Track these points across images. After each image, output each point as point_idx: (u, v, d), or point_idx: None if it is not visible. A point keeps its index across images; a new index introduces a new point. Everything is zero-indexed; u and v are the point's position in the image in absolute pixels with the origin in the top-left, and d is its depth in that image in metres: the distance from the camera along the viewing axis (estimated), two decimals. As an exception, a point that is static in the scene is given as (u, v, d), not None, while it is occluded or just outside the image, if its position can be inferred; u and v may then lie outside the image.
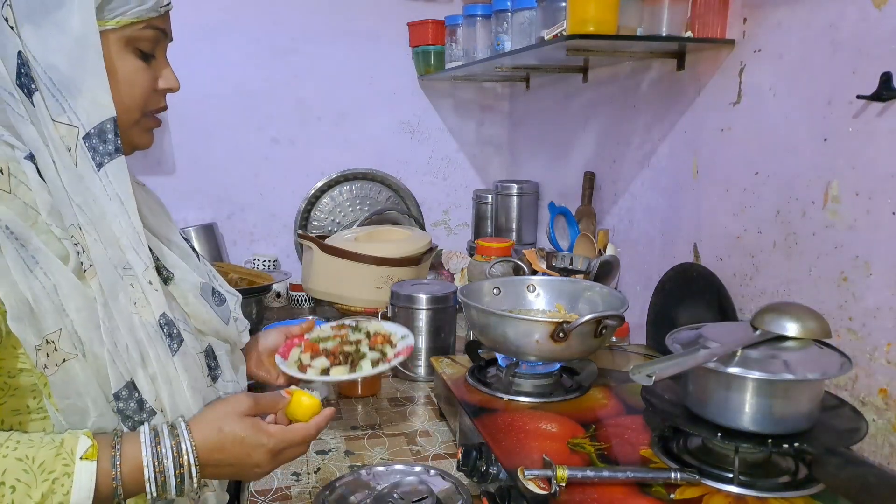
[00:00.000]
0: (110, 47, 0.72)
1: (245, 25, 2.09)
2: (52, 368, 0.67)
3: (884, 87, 0.92)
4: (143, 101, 0.77)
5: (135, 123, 0.77)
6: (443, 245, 2.29)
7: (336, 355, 0.97)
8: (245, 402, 0.77)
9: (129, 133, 0.77)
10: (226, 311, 0.88)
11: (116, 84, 0.73)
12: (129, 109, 0.75)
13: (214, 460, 0.72)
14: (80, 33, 0.69)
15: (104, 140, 0.71)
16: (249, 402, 0.77)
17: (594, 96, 1.76)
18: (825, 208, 1.04)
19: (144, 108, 0.77)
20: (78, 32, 0.69)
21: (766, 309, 0.90)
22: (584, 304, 1.30)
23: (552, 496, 0.80)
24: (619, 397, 1.12)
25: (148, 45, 0.75)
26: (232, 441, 0.73)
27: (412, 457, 1.14)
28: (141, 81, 0.76)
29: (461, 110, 2.35)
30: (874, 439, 0.96)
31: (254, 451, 0.74)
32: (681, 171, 1.39)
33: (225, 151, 2.14)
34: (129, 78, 0.74)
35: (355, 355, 0.97)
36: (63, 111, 0.70)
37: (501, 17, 1.63)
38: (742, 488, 0.82)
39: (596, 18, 1.20)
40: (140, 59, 0.75)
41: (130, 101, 0.75)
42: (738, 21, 1.21)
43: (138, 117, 0.77)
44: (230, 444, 0.73)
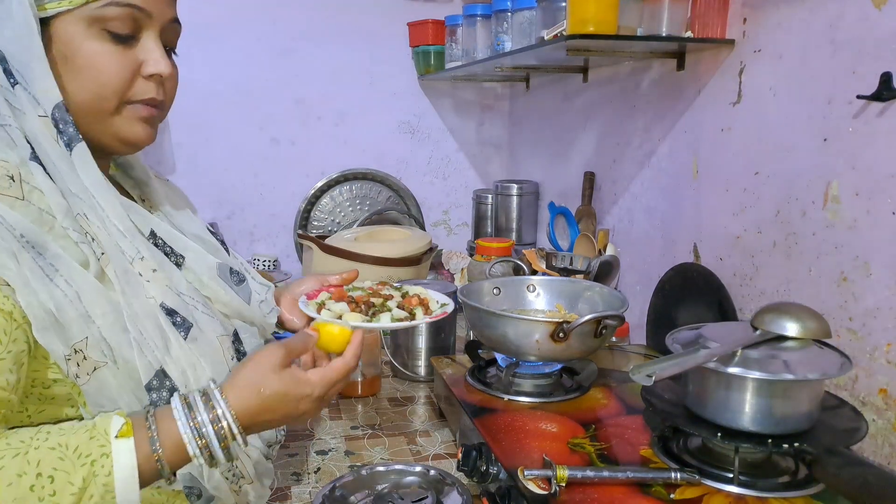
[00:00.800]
0: (69, 29, 0.67)
1: (245, 25, 2.09)
2: (84, 378, 0.66)
3: (884, 87, 0.92)
4: (118, 89, 0.70)
5: (114, 112, 0.71)
6: (443, 245, 2.29)
7: (359, 304, 0.90)
8: (278, 354, 0.73)
9: (110, 124, 0.72)
10: (246, 291, 0.84)
11: (77, 69, 0.68)
12: (99, 97, 0.70)
13: (261, 421, 0.71)
14: (21, 18, 0.65)
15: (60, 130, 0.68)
16: (282, 352, 0.73)
17: (594, 96, 1.76)
18: (825, 208, 1.04)
19: (122, 96, 0.71)
20: (19, 18, 0.65)
21: (766, 309, 0.90)
22: (584, 304, 1.30)
23: (552, 496, 0.80)
24: (619, 397, 1.12)
25: (120, 26, 0.69)
26: (275, 400, 0.71)
27: (412, 457, 1.14)
28: (108, 66, 0.69)
29: (461, 110, 2.35)
30: (874, 439, 0.96)
31: (299, 402, 0.72)
32: (681, 171, 1.39)
33: (225, 151, 2.14)
34: (92, 62, 0.68)
35: (379, 307, 0.90)
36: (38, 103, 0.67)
37: (501, 17, 1.63)
38: (742, 488, 0.82)
39: (596, 18, 1.20)
40: (111, 42, 0.69)
41: (99, 87, 0.69)
42: (738, 21, 1.21)
43: (115, 106, 0.71)
44: (274, 403, 0.71)
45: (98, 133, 0.72)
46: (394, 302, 0.92)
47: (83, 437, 0.62)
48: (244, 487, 0.80)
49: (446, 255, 2.13)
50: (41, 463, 0.60)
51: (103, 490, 0.60)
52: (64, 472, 0.60)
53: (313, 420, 1.27)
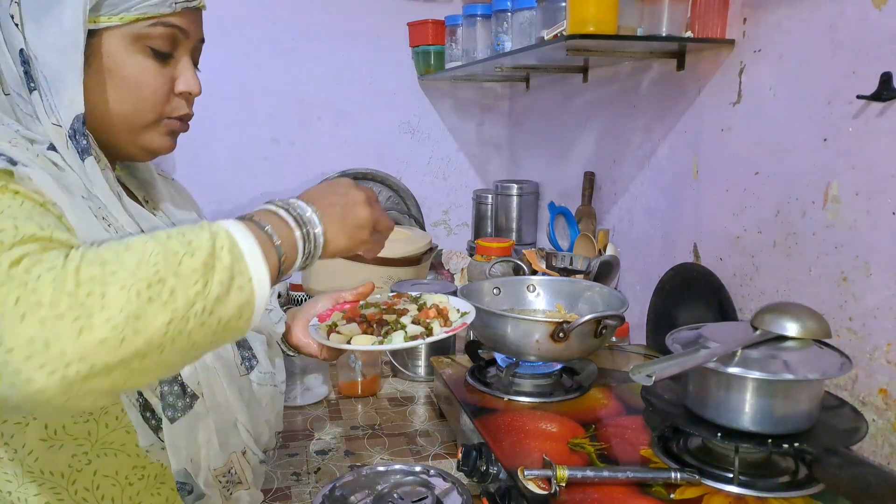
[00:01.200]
0: (114, 44, 0.70)
1: (245, 25, 2.08)
2: None
3: (884, 87, 0.92)
4: (158, 104, 0.75)
5: (150, 126, 0.75)
6: (443, 245, 2.29)
7: (371, 322, 0.88)
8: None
9: (144, 135, 0.75)
10: None
11: (120, 82, 0.71)
12: (139, 111, 0.74)
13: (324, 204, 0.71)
14: (70, 28, 0.67)
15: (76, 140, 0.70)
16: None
17: (594, 96, 1.76)
18: (825, 208, 1.04)
19: (161, 111, 0.75)
20: (69, 27, 0.67)
21: (766, 309, 0.90)
22: (584, 304, 1.30)
23: (552, 496, 0.80)
24: (619, 397, 1.12)
25: (162, 44, 0.73)
26: (327, 185, 0.74)
27: (412, 457, 1.14)
28: (150, 82, 0.73)
29: (461, 110, 2.35)
30: (874, 439, 0.96)
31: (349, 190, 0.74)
32: (681, 171, 1.39)
33: (225, 151, 2.14)
34: (136, 76, 0.72)
35: (393, 325, 0.87)
36: (52, 110, 0.69)
37: (501, 17, 1.63)
38: (742, 488, 0.82)
39: (596, 18, 1.19)
40: (153, 59, 0.73)
41: (139, 101, 0.73)
42: (738, 21, 1.21)
43: (154, 119, 0.75)
44: (326, 187, 0.74)
45: (126, 143, 0.75)
46: (409, 317, 0.89)
47: (187, 229, 0.59)
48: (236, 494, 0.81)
49: (446, 255, 2.13)
50: (167, 231, 0.57)
51: (230, 241, 0.57)
52: (189, 231, 0.57)
53: (315, 422, 1.27)
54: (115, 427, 0.73)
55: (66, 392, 0.50)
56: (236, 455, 0.81)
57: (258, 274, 0.58)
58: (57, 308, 0.50)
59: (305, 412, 1.31)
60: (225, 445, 0.79)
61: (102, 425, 0.73)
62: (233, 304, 0.57)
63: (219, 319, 0.56)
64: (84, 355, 0.49)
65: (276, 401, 0.91)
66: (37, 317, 0.49)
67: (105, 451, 0.73)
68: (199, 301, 0.54)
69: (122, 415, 0.73)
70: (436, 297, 0.97)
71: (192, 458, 0.75)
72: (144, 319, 0.51)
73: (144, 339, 0.52)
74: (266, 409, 0.88)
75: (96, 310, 0.50)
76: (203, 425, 0.76)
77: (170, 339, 0.53)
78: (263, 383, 0.88)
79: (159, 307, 0.52)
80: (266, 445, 0.89)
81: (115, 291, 0.51)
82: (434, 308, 0.93)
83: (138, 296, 0.52)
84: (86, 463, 0.72)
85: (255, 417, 0.84)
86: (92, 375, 0.50)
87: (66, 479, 0.72)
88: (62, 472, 0.71)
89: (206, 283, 0.55)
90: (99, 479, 0.73)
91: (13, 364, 0.49)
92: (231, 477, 0.80)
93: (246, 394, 0.83)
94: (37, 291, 0.50)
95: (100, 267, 0.52)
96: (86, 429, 0.72)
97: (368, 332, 0.87)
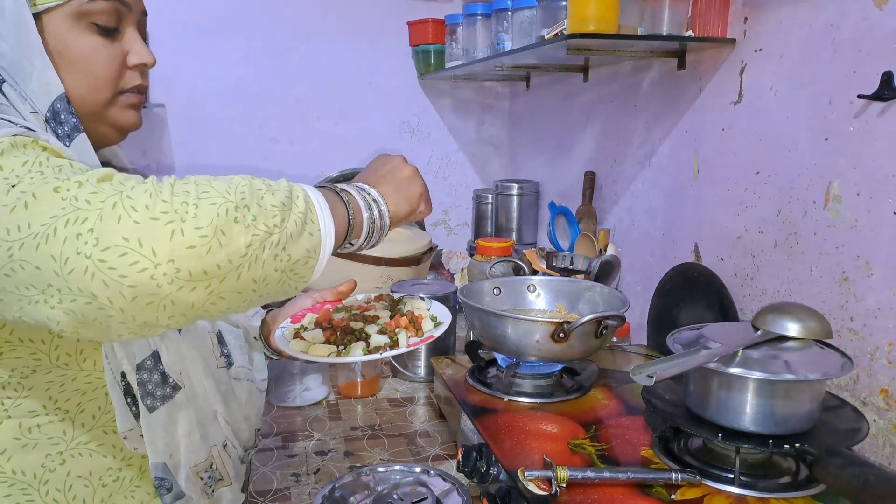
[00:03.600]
0: (58, 25, 0.69)
1: (244, 25, 2.08)
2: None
3: (884, 86, 0.92)
4: (111, 79, 0.73)
5: (108, 103, 0.74)
6: (443, 245, 2.28)
7: (336, 330, 0.87)
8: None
9: (106, 114, 0.74)
10: None
11: (71, 63, 0.70)
12: (95, 89, 0.72)
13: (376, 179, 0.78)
14: (12, 14, 0.66)
15: (59, 121, 0.69)
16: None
17: (595, 96, 1.76)
18: (826, 208, 1.04)
19: (115, 86, 0.74)
20: (10, 14, 0.66)
21: (767, 309, 0.89)
22: (585, 304, 1.30)
23: (553, 497, 0.80)
24: (619, 398, 1.11)
25: (105, 19, 0.71)
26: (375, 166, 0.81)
27: (412, 457, 1.14)
28: (102, 59, 0.72)
29: (461, 110, 2.34)
30: (875, 440, 0.96)
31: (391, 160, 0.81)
32: (682, 170, 1.39)
33: (224, 151, 2.14)
34: (86, 55, 0.71)
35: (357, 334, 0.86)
36: (25, 99, 0.68)
37: (502, 16, 1.62)
38: (743, 489, 0.82)
39: (596, 17, 1.19)
40: (99, 35, 0.71)
41: (94, 80, 0.72)
42: (738, 20, 1.21)
43: (110, 96, 0.74)
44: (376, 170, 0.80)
45: (94, 124, 0.74)
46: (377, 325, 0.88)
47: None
48: (218, 492, 0.81)
49: (446, 255, 2.13)
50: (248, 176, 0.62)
51: (304, 194, 0.64)
52: (269, 180, 0.63)
53: (314, 423, 1.27)
54: (92, 426, 0.73)
55: (153, 295, 0.52)
56: (217, 448, 0.81)
57: (326, 226, 0.64)
58: (153, 211, 0.53)
59: (305, 413, 1.30)
60: (206, 437, 0.79)
61: (79, 425, 0.72)
62: (303, 246, 0.62)
63: (289, 256, 0.60)
64: (174, 257, 0.52)
65: (255, 398, 0.91)
66: (132, 218, 0.52)
67: (80, 452, 0.73)
68: (276, 233, 0.59)
69: (99, 413, 0.73)
70: (416, 303, 0.96)
71: (172, 453, 0.75)
72: (229, 236, 0.55)
73: (226, 254, 0.55)
74: (244, 406, 0.87)
75: (189, 217, 0.54)
76: (183, 416, 0.75)
77: (247, 262, 0.57)
78: (240, 378, 0.87)
79: (242, 228, 0.56)
80: (246, 443, 0.88)
81: (207, 206, 0.55)
82: (409, 315, 0.91)
83: (227, 213, 0.56)
84: (59, 463, 0.72)
85: (233, 412, 0.84)
86: (178, 281, 0.53)
87: (38, 479, 0.71)
88: (34, 472, 0.71)
89: (284, 219, 0.60)
90: (72, 479, 0.72)
91: (109, 261, 0.51)
92: (213, 472, 0.80)
93: (224, 387, 0.83)
94: (132, 198, 0.53)
95: (193, 185, 0.57)
96: (61, 428, 0.72)
97: (332, 339, 0.86)
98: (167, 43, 1.90)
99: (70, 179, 0.54)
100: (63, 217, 0.52)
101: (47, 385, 0.70)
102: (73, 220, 0.52)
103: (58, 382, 0.70)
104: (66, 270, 0.51)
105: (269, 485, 1.05)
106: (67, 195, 0.53)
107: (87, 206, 0.52)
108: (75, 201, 0.53)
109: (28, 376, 0.69)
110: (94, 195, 0.53)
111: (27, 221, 0.52)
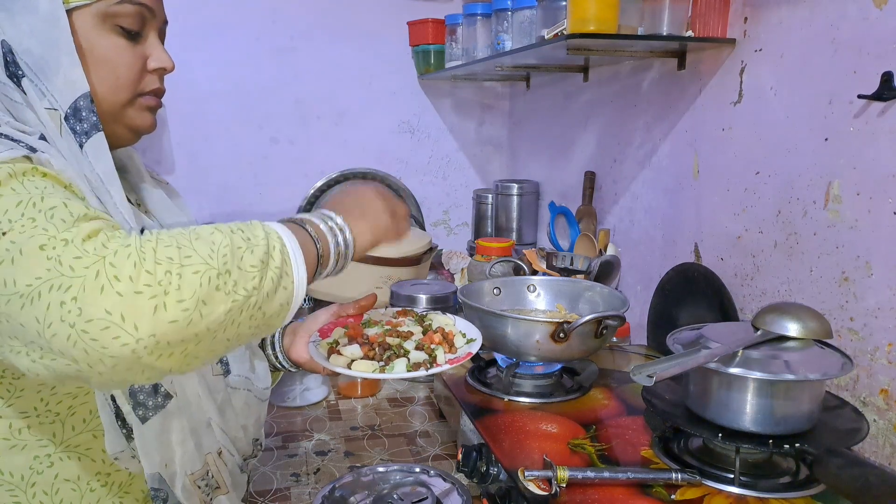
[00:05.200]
0: (85, 24, 0.70)
1: (244, 24, 2.08)
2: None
3: (884, 86, 0.92)
4: (132, 81, 0.74)
5: (127, 104, 0.75)
6: (443, 245, 2.28)
7: (373, 345, 0.86)
8: None
9: (123, 115, 0.75)
10: None
11: (95, 62, 0.71)
12: (116, 89, 0.73)
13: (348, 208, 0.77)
14: (47, 12, 0.67)
15: (80, 119, 0.69)
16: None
17: (595, 96, 1.76)
18: (826, 208, 1.04)
19: (135, 88, 0.75)
20: (45, 11, 0.67)
21: (767, 309, 0.89)
22: (585, 304, 1.30)
23: (553, 497, 0.80)
24: (619, 398, 1.11)
25: (130, 22, 0.72)
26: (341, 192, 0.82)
27: (412, 457, 1.14)
28: (124, 60, 0.73)
29: (461, 110, 2.34)
30: (875, 440, 0.96)
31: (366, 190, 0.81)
32: (682, 170, 1.39)
33: (224, 151, 2.14)
34: (110, 56, 0.72)
35: (395, 350, 0.85)
36: (43, 95, 0.68)
37: (502, 16, 1.62)
38: (743, 489, 0.82)
39: (596, 17, 1.19)
40: (123, 38, 0.72)
41: (115, 80, 0.73)
42: (738, 20, 1.21)
43: (129, 98, 0.75)
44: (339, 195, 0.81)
45: (112, 123, 0.75)
46: (412, 342, 0.87)
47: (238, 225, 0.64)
48: (216, 500, 0.81)
49: (446, 255, 2.13)
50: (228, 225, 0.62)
51: (280, 243, 0.64)
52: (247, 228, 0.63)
53: (314, 423, 1.27)
54: (82, 430, 0.72)
55: (132, 364, 0.53)
56: (212, 456, 0.80)
57: (299, 276, 0.65)
58: (136, 284, 0.53)
59: (305, 413, 1.31)
60: (200, 446, 0.78)
61: (69, 427, 0.72)
62: (277, 302, 0.62)
63: (264, 314, 0.61)
64: (155, 332, 0.53)
65: (254, 406, 0.88)
66: (115, 289, 0.53)
67: (69, 455, 0.72)
68: (255, 295, 0.60)
69: (90, 417, 0.72)
70: (441, 319, 0.95)
71: (167, 463, 0.74)
72: (210, 305, 0.56)
73: (206, 324, 0.56)
74: (241, 414, 0.85)
75: (173, 289, 0.54)
76: (177, 425, 0.75)
77: (223, 326, 0.58)
78: (238, 386, 0.86)
79: (223, 296, 0.57)
80: (244, 452, 0.87)
81: (190, 274, 0.55)
82: (440, 332, 0.90)
83: (209, 282, 0.56)
84: (47, 466, 0.71)
85: (229, 420, 0.83)
86: (157, 352, 0.54)
87: (26, 481, 0.70)
88: (22, 474, 0.70)
89: (262, 279, 0.60)
90: (59, 483, 0.72)
91: (91, 333, 0.52)
92: (209, 480, 0.79)
93: (219, 396, 0.81)
94: (115, 266, 0.54)
95: (176, 250, 0.56)
96: (51, 430, 0.71)
97: (370, 354, 0.85)
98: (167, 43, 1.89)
99: (57, 237, 0.54)
100: (48, 281, 0.53)
101: (39, 388, 0.70)
102: (56, 286, 0.52)
103: (50, 385, 0.70)
104: (48, 334, 0.52)
105: (269, 485, 1.05)
106: (53, 254, 0.53)
107: (70, 272, 0.53)
108: (59, 266, 0.53)
109: (20, 377, 0.68)
110: (79, 260, 0.53)
111: (13, 278, 0.53)
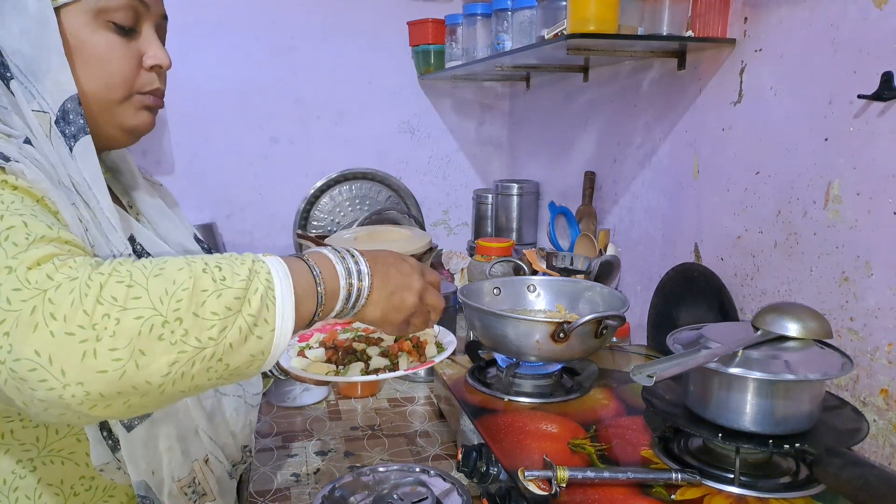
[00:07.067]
0: (76, 21, 0.68)
1: (244, 24, 2.08)
2: None
3: (884, 86, 0.91)
4: (125, 79, 0.72)
5: (121, 102, 0.73)
6: (443, 245, 2.28)
7: (338, 350, 0.89)
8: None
9: (117, 113, 0.73)
10: None
11: (87, 59, 0.69)
12: (108, 87, 0.71)
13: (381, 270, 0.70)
14: (36, 11, 0.66)
15: (68, 122, 0.68)
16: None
17: (595, 96, 1.76)
18: (826, 208, 1.04)
19: (130, 86, 0.73)
20: (35, 12, 0.66)
21: (767, 309, 0.89)
22: (585, 304, 1.30)
23: (553, 497, 0.80)
24: (619, 398, 1.11)
25: (122, 17, 0.70)
26: (384, 253, 0.73)
27: (412, 458, 1.14)
28: (117, 56, 0.71)
29: (461, 110, 2.34)
30: (875, 440, 0.96)
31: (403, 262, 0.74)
32: (682, 170, 1.39)
33: (224, 151, 2.14)
34: (102, 52, 0.70)
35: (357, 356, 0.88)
36: (33, 97, 0.67)
37: (502, 16, 1.62)
38: (743, 489, 0.82)
39: (596, 17, 1.19)
40: (116, 34, 0.70)
41: (107, 77, 0.71)
42: (738, 20, 1.20)
43: (123, 95, 0.73)
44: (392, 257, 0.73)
45: (104, 123, 0.73)
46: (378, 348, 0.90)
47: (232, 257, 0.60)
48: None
49: (446, 255, 2.13)
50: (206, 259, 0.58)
51: (266, 285, 0.57)
52: (229, 265, 0.58)
53: (314, 423, 1.27)
54: (66, 434, 0.71)
55: (64, 410, 0.51)
56: (198, 463, 0.78)
57: (283, 325, 0.58)
58: (69, 325, 0.50)
59: (305, 412, 1.30)
60: (187, 453, 0.77)
61: (52, 431, 0.71)
62: (246, 353, 0.56)
63: (227, 366, 0.56)
64: (83, 379, 0.50)
65: (243, 413, 0.87)
66: (49, 328, 0.50)
67: (52, 459, 0.71)
68: (210, 346, 0.54)
69: None
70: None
71: (154, 470, 0.73)
72: (149, 356, 0.51)
73: (144, 376, 0.51)
74: (230, 421, 0.84)
75: (106, 335, 0.50)
76: (164, 432, 0.73)
77: (171, 380, 0.53)
78: (228, 393, 0.85)
79: (167, 346, 0.52)
80: (233, 459, 0.86)
81: (129, 320, 0.51)
82: (413, 340, 0.92)
83: (151, 330, 0.51)
84: (30, 470, 0.70)
85: (218, 427, 0.82)
86: (88, 402, 0.50)
87: (8, 485, 0.70)
88: (4, 478, 0.69)
89: (224, 328, 0.54)
90: (42, 487, 0.71)
91: (20, 373, 0.50)
92: (196, 487, 0.78)
93: (209, 402, 0.80)
94: (54, 302, 0.50)
95: (126, 289, 0.52)
96: (34, 434, 0.70)
97: (333, 359, 0.87)
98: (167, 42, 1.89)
99: (2, 264, 0.52)
100: None
101: None
102: None
103: None
104: None
105: (269, 485, 1.05)
106: None
107: (6, 305, 0.50)
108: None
109: None
110: (17, 293, 0.51)
111: None
